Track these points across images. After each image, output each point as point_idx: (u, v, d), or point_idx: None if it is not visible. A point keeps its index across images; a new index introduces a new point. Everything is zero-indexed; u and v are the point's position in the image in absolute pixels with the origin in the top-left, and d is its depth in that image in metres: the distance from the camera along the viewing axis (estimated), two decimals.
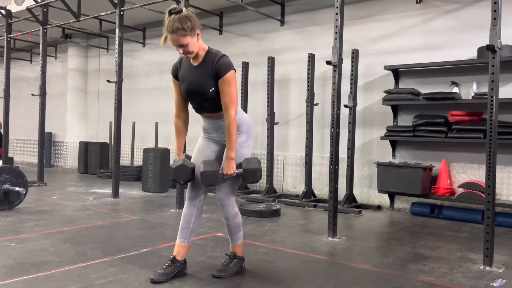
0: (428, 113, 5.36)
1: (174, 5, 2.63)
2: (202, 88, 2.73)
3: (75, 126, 10.02)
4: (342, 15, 4.03)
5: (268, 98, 6.42)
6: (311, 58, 6.05)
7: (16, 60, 11.20)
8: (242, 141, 2.85)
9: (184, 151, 2.92)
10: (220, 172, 2.73)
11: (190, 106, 2.93)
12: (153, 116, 8.44)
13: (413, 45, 5.64)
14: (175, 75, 2.85)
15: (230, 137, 2.69)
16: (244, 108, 6.65)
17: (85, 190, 6.89)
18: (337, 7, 4.02)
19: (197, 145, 2.98)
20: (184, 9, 2.63)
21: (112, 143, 6.72)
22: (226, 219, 2.91)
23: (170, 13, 2.59)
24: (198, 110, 2.86)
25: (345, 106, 5.47)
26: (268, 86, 6.43)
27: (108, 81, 6.31)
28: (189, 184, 2.86)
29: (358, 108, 5.84)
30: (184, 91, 2.81)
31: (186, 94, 2.81)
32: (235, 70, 2.76)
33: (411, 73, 5.65)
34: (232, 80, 2.69)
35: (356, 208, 5.54)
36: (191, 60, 2.77)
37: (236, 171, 2.75)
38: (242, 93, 6.68)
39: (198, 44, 2.69)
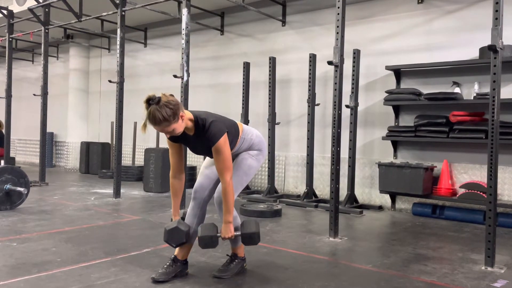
0: (430, 113, 5.35)
1: (150, 95, 2.52)
2: (207, 150, 2.76)
3: (76, 126, 10.03)
4: (343, 15, 4.03)
5: (269, 98, 6.42)
6: (313, 58, 6.05)
7: (18, 60, 11.22)
8: (254, 153, 2.91)
9: (181, 207, 2.92)
10: (218, 235, 2.74)
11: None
12: None
13: (415, 45, 5.64)
14: (172, 139, 2.78)
15: (226, 201, 2.68)
16: (246, 108, 6.65)
17: (87, 190, 6.90)
18: (338, 7, 4.02)
19: (203, 165, 2.99)
20: (162, 94, 2.55)
21: (114, 143, 6.73)
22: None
23: (149, 103, 2.51)
24: (210, 157, 2.91)
25: (347, 106, 5.47)
26: (269, 86, 6.43)
27: (110, 81, 6.31)
28: (195, 186, 2.89)
29: (359, 108, 5.83)
30: (192, 151, 2.88)
31: (195, 153, 2.89)
32: (227, 131, 2.71)
33: (413, 73, 5.65)
34: (223, 147, 2.65)
35: (358, 208, 5.54)
36: (185, 131, 2.72)
37: (234, 233, 2.76)
38: (243, 93, 6.68)
39: (184, 123, 2.62)
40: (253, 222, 2.81)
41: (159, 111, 2.49)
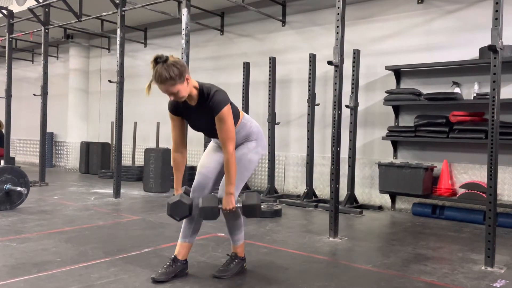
0: (430, 114, 5.35)
1: (158, 54, 2.54)
2: (207, 125, 2.76)
3: (76, 126, 10.03)
4: (343, 15, 4.03)
5: (269, 98, 6.42)
6: (312, 58, 6.05)
7: (18, 60, 11.22)
8: (252, 146, 2.89)
9: (183, 185, 2.91)
10: (219, 206, 2.73)
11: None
12: (154, 116, 8.44)
13: (415, 45, 5.64)
14: (174, 112, 2.79)
15: (229, 172, 2.68)
16: (246, 108, 6.65)
17: (87, 190, 6.90)
18: (338, 7, 4.02)
19: (206, 150, 2.99)
20: (170, 55, 2.56)
21: (114, 143, 6.73)
22: (227, 220, 2.92)
23: (156, 62, 2.52)
24: (210, 136, 2.91)
25: (347, 106, 5.47)
26: (269, 86, 6.43)
27: (110, 81, 6.31)
28: (193, 185, 2.88)
29: (359, 108, 5.83)
30: (192, 127, 2.86)
31: (194, 129, 2.87)
32: (231, 102, 2.71)
33: (413, 73, 5.65)
34: (227, 116, 2.65)
35: (357, 208, 5.54)
36: (187, 100, 2.72)
37: (236, 205, 2.75)
38: (243, 93, 6.68)
39: (189, 87, 2.62)
40: (254, 194, 2.79)
41: (166, 70, 2.49)
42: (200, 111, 2.72)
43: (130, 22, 7.97)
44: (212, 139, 3.00)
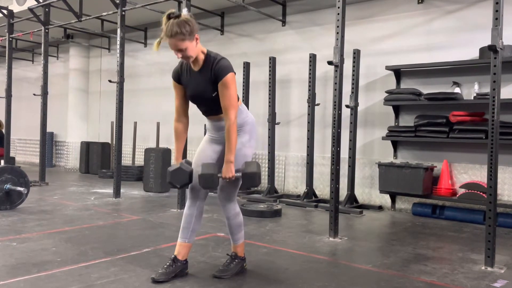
0: (430, 114, 5.35)
1: (172, 10, 2.59)
2: (205, 93, 2.73)
3: (76, 126, 10.03)
4: (343, 15, 4.03)
5: (269, 98, 6.42)
6: (313, 58, 6.05)
7: (18, 60, 11.22)
8: (245, 140, 2.86)
9: (184, 157, 2.91)
10: (219, 175, 2.72)
11: (190, 109, 2.91)
12: (154, 116, 8.45)
13: (415, 45, 5.64)
14: (177, 80, 2.83)
15: (229, 140, 2.68)
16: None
17: (87, 190, 6.90)
18: (338, 7, 4.02)
19: (201, 144, 2.98)
20: (183, 13, 2.60)
21: (114, 143, 6.73)
22: (227, 218, 2.92)
23: (169, 17, 2.56)
24: (205, 113, 2.88)
25: (347, 106, 5.47)
26: (269, 86, 6.43)
27: (110, 81, 6.31)
28: (190, 184, 2.86)
29: (359, 108, 5.83)
30: (189, 97, 2.83)
31: (191, 99, 2.83)
32: (235, 73, 2.73)
33: (413, 73, 5.65)
34: (231, 83, 2.66)
35: (358, 208, 5.54)
36: (192, 65, 2.75)
37: (236, 174, 2.74)
38: (243, 93, 6.68)
39: (197, 48, 2.66)
40: (254, 163, 2.79)
41: (178, 24, 2.54)
42: (202, 77, 2.72)
43: (130, 22, 7.97)
44: (207, 133, 2.98)
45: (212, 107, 2.78)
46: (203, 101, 2.79)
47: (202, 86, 2.72)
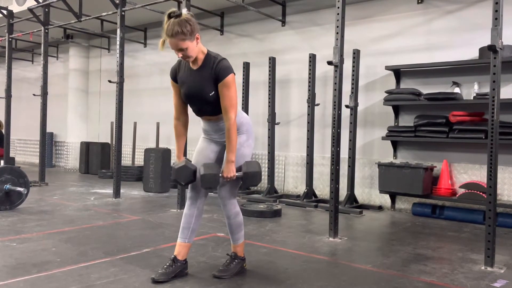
0: (430, 114, 5.35)
1: (173, 9, 2.59)
2: (201, 92, 2.72)
3: (76, 126, 10.03)
4: (343, 15, 4.03)
5: (269, 98, 6.42)
6: (312, 58, 6.05)
7: (18, 61, 11.22)
8: (242, 141, 2.86)
9: (185, 154, 2.91)
10: (220, 175, 2.73)
11: (190, 109, 2.92)
12: (154, 116, 8.45)
13: (414, 45, 5.64)
14: (174, 78, 2.83)
15: (230, 140, 2.69)
16: (245, 108, 6.65)
17: (86, 190, 6.89)
18: (338, 7, 4.02)
19: (198, 146, 2.98)
20: (184, 12, 2.60)
21: (113, 143, 6.73)
22: (227, 217, 2.92)
23: (170, 16, 2.57)
24: (198, 113, 2.86)
25: (346, 106, 5.47)
26: (269, 87, 6.43)
27: (109, 81, 6.31)
28: (190, 184, 2.87)
29: (359, 108, 5.83)
30: (184, 95, 2.80)
31: (185, 98, 2.81)
32: (235, 74, 2.74)
33: (412, 73, 5.65)
34: (232, 83, 2.68)
35: (357, 208, 5.54)
36: (191, 63, 2.75)
37: (236, 174, 2.75)
38: (243, 93, 6.68)
39: (198, 47, 2.66)
40: (254, 162, 2.81)
41: (179, 24, 2.54)
42: (199, 76, 2.72)
43: (130, 22, 7.97)
44: (202, 135, 2.97)
45: (207, 107, 2.76)
46: (198, 100, 2.77)
47: (199, 85, 2.72)
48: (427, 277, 3.02)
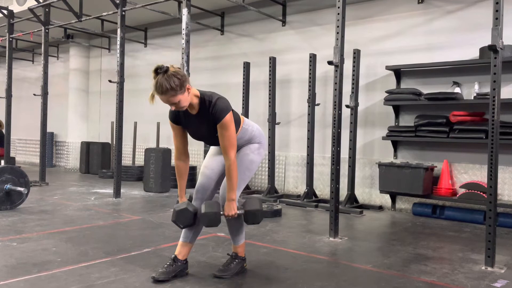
0: (430, 113, 5.35)
1: (159, 64, 2.55)
2: (208, 133, 2.76)
3: (76, 126, 10.03)
4: (343, 15, 4.03)
5: (269, 98, 6.42)
6: (313, 58, 6.05)
7: (18, 60, 11.22)
8: (254, 148, 2.91)
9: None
10: (221, 213, 2.74)
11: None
12: (154, 116, 8.44)
13: (415, 45, 5.64)
14: (175, 121, 2.81)
15: (230, 178, 2.70)
16: (246, 108, 6.65)
17: (87, 190, 6.90)
18: (338, 7, 4.02)
19: (210, 151, 3.00)
20: (170, 65, 2.57)
21: (114, 143, 6.73)
22: (228, 219, 2.92)
23: (157, 72, 2.54)
24: (210, 144, 2.93)
25: (347, 106, 5.47)
26: (269, 86, 6.43)
27: (110, 81, 6.31)
28: (196, 186, 2.89)
29: (359, 108, 5.83)
30: (192, 136, 2.85)
31: (194, 138, 2.87)
32: (232, 110, 2.73)
33: (413, 73, 5.65)
34: (229, 124, 2.67)
35: (358, 208, 5.54)
36: (188, 109, 2.73)
37: (238, 212, 2.76)
38: (243, 93, 6.68)
39: (190, 96, 2.64)
40: (255, 199, 2.81)
41: (167, 80, 2.52)
42: (201, 120, 2.73)
43: (130, 22, 7.97)
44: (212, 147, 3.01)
45: (215, 141, 2.79)
46: (208, 139, 2.85)
47: (204, 128, 2.75)
48: (428, 277, 3.02)
